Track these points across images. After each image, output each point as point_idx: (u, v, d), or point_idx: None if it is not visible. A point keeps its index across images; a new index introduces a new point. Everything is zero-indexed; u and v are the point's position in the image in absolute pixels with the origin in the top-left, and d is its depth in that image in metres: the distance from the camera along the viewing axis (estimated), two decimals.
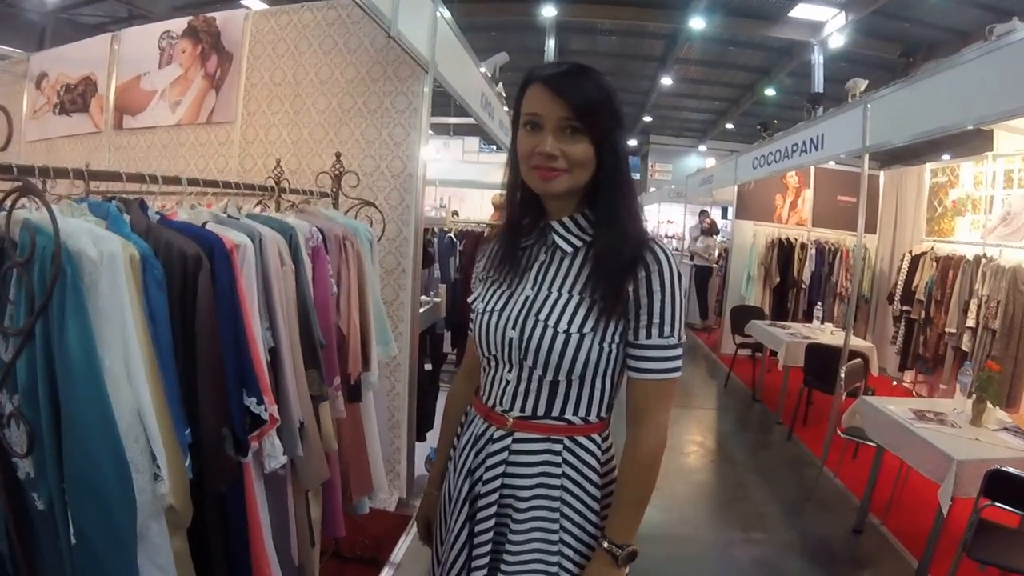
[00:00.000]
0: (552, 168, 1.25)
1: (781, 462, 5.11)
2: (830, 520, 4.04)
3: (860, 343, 5.78)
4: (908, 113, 4.31)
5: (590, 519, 1.34)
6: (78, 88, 4.46)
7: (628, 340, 1.29)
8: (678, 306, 1.27)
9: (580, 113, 1.22)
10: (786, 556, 3.59)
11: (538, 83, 1.26)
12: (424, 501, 1.66)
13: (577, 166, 1.25)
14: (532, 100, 1.26)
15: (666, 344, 1.27)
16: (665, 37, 13.68)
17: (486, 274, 1.45)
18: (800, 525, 3.98)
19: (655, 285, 1.25)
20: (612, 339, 1.28)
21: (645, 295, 1.25)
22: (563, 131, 1.24)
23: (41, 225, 1.29)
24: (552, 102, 1.23)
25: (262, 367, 1.79)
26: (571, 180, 1.26)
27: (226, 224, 1.93)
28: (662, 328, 1.26)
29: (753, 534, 3.81)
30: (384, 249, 3.35)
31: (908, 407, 3.60)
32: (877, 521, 3.90)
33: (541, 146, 1.24)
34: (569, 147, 1.24)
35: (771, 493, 4.49)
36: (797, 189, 8.81)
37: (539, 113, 1.25)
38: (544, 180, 1.27)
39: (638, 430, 1.29)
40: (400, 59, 3.32)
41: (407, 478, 3.55)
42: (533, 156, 1.26)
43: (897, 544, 3.68)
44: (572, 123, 1.23)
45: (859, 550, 3.71)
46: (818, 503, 4.31)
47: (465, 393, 1.56)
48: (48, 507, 1.36)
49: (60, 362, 1.29)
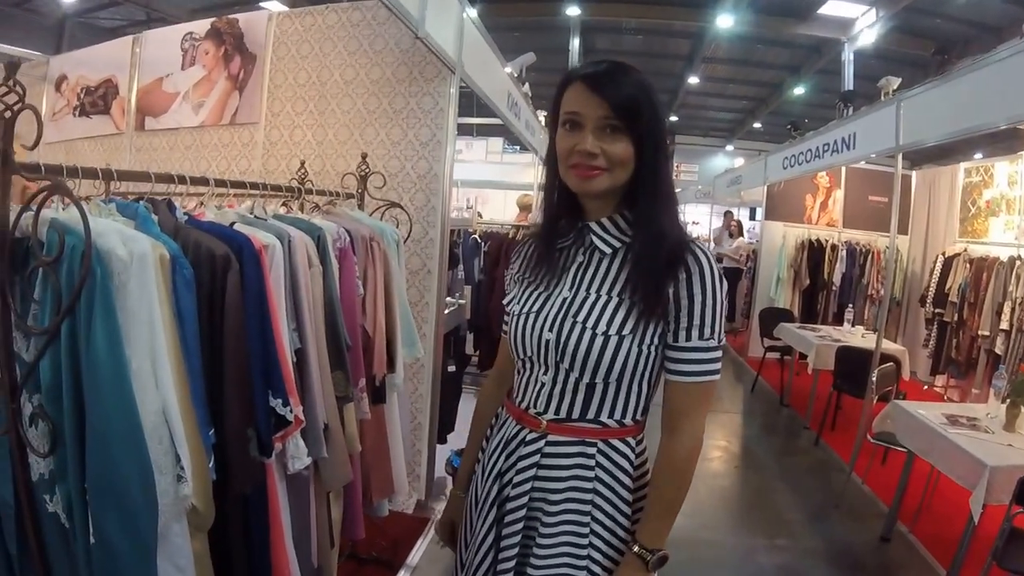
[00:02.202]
0: (592, 167, 1.23)
1: (808, 467, 5.02)
2: (857, 527, 3.97)
3: (892, 346, 5.67)
4: (942, 111, 4.21)
5: (621, 523, 1.32)
6: (99, 90, 4.49)
7: (667, 342, 1.27)
8: (719, 308, 1.25)
9: (620, 112, 1.21)
10: (811, 563, 3.53)
11: (578, 82, 1.24)
12: (449, 503, 1.64)
13: (617, 165, 1.24)
14: (572, 99, 1.25)
15: (706, 347, 1.25)
16: (692, 35, 13.53)
17: (522, 275, 1.43)
18: (826, 532, 3.91)
19: (696, 287, 1.23)
20: (651, 341, 1.26)
21: (685, 297, 1.23)
22: (603, 130, 1.22)
23: (69, 224, 1.29)
24: (592, 101, 1.22)
25: (288, 368, 1.79)
26: (611, 179, 1.25)
27: (254, 225, 1.93)
28: (702, 330, 1.24)
29: (778, 540, 3.74)
30: (409, 250, 3.34)
31: (940, 412, 3.52)
32: (905, 529, 3.82)
33: (581, 144, 1.22)
34: (609, 146, 1.22)
35: (797, 499, 4.42)
36: (828, 189, 8.68)
37: (579, 112, 1.23)
38: (583, 179, 1.25)
39: (674, 434, 1.27)
40: (426, 60, 3.31)
41: (427, 481, 3.53)
42: (572, 155, 1.24)
43: (925, 552, 3.60)
44: (612, 122, 1.22)
45: (886, 558, 3.64)
46: (845, 510, 4.22)
47: (496, 395, 1.54)
48: (67, 508, 1.36)
49: (86, 362, 1.29)
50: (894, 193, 4.92)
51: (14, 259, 1.34)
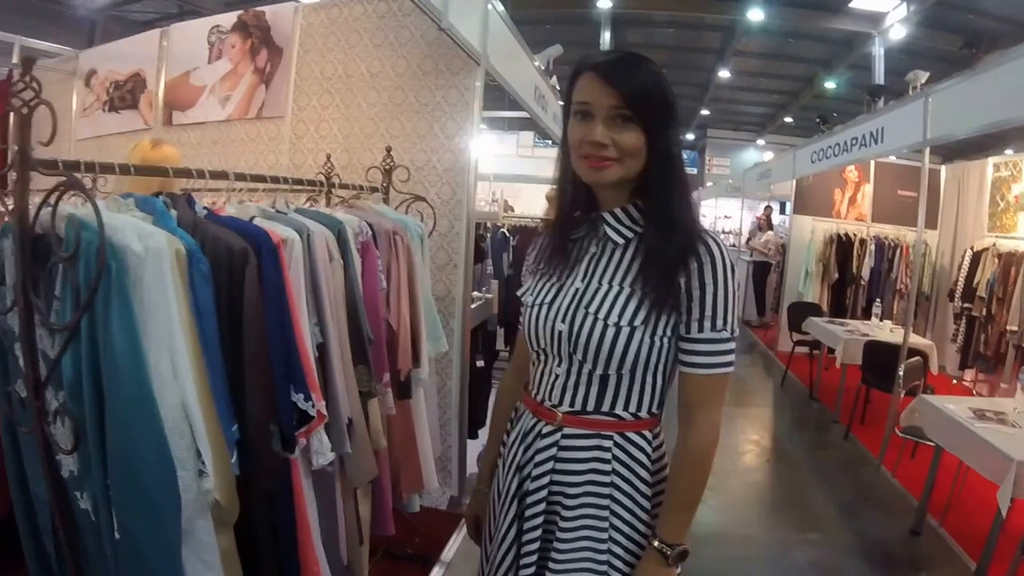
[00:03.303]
0: (602, 157, 1.22)
1: (838, 462, 5.01)
2: (887, 521, 3.96)
3: (920, 341, 5.61)
4: (970, 105, 4.16)
5: (640, 517, 1.31)
6: (127, 85, 4.51)
7: (680, 334, 1.26)
8: (731, 299, 1.23)
9: (631, 101, 1.20)
10: (843, 557, 3.52)
11: (588, 71, 1.23)
12: (473, 499, 1.65)
13: (628, 155, 1.22)
14: (582, 89, 1.24)
15: (718, 338, 1.23)
16: (723, 29, 13.43)
17: (536, 267, 1.43)
18: (857, 526, 3.89)
19: (707, 277, 1.21)
20: (664, 333, 1.25)
21: (697, 287, 1.22)
22: (613, 120, 1.21)
23: (86, 220, 1.29)
24: (602, 90, 1.20)
25: (310, 363, 1.78)
26: (622, 170, 1.23)
27: (274, 219, 1.92)
28: (714, 321, 1.23)
29: (810, 535, 3.73)
30: (435, 244, 3.32)
31: (967, 406, 3.52)
32: (935, 522, 3.80)
33: (591, 135, 1.21)
34: (620, 136, 1.21)
35: (828, 493, 4.40)
36: (856, 183, 8.59)
37: (589, 102, 1.22)
38: (594, 170, 1.24)
39: (690, 427, 1.26)
40: (452, 52, 3.28)
41: (459, 476, 3.52)
42: (583, 145, 1.23)
43: (955, 546, 3.59)
44: (623, 112, 1.20)
45: (917, 552, 3.63)
46: (875, 504, 4.22)
47: (514, 389, 1.54)
48: (93, 504, 1.36)
49: (105, 358, 1.29)
50: (922, 188, 4.90)
51: (37, 256, 1.34)
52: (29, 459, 1.47)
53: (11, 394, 1.43)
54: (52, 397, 1.36)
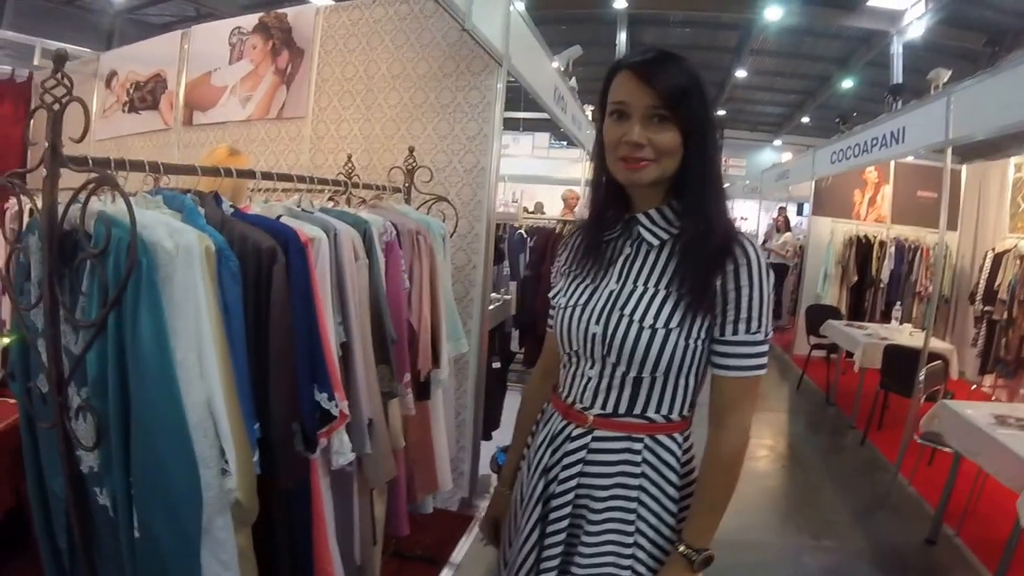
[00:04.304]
0: (639, 158, 1.20)
1: (854, 467, 4.96)
2: (902, 529, 3.90)
3: (940, 345, 5.53)
4: (993, 105, 4.08)
5: (667, 521, 1.29)
6: (148, 85, 4.53)
7: (714, 336, 1.24)
8: (766, 301, 1.22)
9: (668, 101, 1.18)
10: (857, 565, 3.48)
11: (625, 70, 1.22)
12: (493, 500, 1.63)
13: (665, 155, 1.21)
14: (619, 88, 1.22)
15: (753, 340, 1.22)
16: (739, 28, 13.39)
17: (568, 268, 1.41)
18: (872, 533, 3.85)
19: (743, 279, 1.20)
20: (698, 335, 1.23)
21: (733, 289, 1.20)
22: (650, 119, 1.19)
23: (116, 217, 1.29)
24: (639, 90, 1.19)
25: (334, 362, 1.78)
26: (658, 170, 1.22)
27: (300, 218, 1.92)
28: (749, 324, 1.21)
29: (823, 541, 3.69)
30: (455, 245, 3.31)
31: (988, 411, 3.44)
32: (951, 531, 3.73)
33: (628, 135, 1.20)
34: (657, 136, 1.19)
35: (842, 499, 4.35)
36: (876, 184, 8.49)
37: (626, 101, 1.20)
38: (631, 170, 1.22)
39: (720, 429, 1.25)
40: (473, 53, 3.28)
41: (470, 478, 3.51)
42: (620, 146, 1.22)
43: (971, 556, 3.52)
44: (660, 111, 1.18)
45: (932, 561, 3.57)
46: (891, 510, 4.16)
47: (542, 390, 1.52)
48: (112, 501, 1.36)
49: (132, 354, 1.29)
50: (944, 188, 4.82)
51: (63, 252, 1.34)
52: (47, 455, 1.47)
53: (31, 390, 1.43)
54: (74, 393, 1.36)
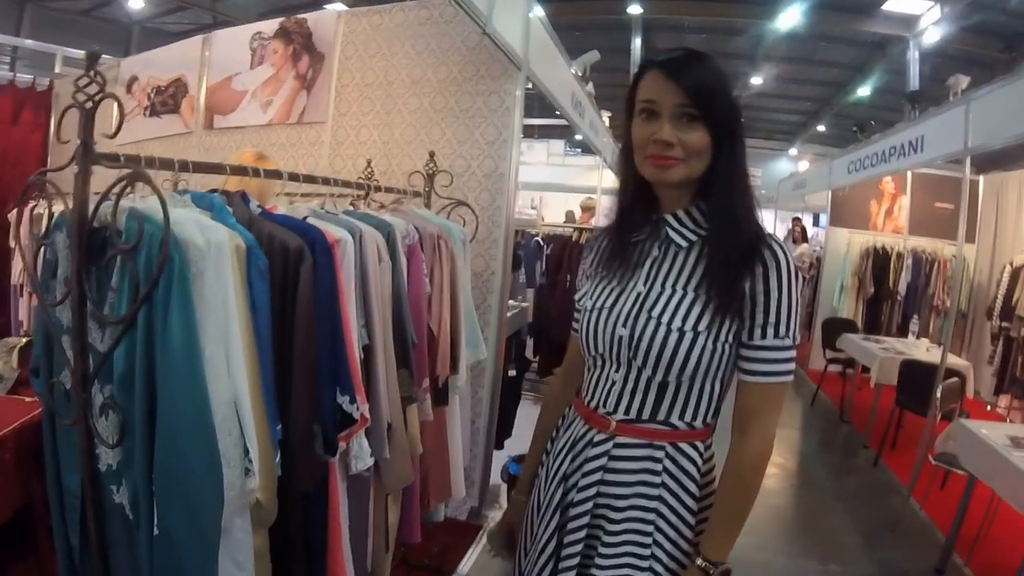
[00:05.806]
0: (668, 157, 1.20)
1: (865, 489, 4.84)
2: (911, 555, 3.80)
3: (957, 361, 5.39)
4: (1013, 112, 3.98)
5: (684, 534, 1.27)
6: (168, 90, 4.57)
7: (741, 340, 1.23)
8: (794, 306, 1.21)
9: (697, 99, 1.18)
10: None
11: (654, 70, 1.21)
12: (509, 508, 1.61)
13: (693, 155, 1.20)
14: (648, 87, 1.22)
15: (780, 345, 1.21)
16: (753, 34, 13.35)
17: (594, 270, 1.40)
18: (880, 559, 3.75)
19: (772, 282, 1.19)
20: (726, 339, 1.22)
21: (762, 292, 1.19)
22: (679, 119, 1.19)
23: (148, 213, 1.29)
24: (668, 88, 1.18)
25: (356, 364, 1.78)
26: (687, 169, 1.21)
27: (325, 219, 1.92)
28: (777, 328, 1.20)
29: (831, 565, 3.62)
30: (473, 251, 3.29)
31: (1005, 432, 3.30)
32: (960, 561, 3.63)
33: (658, 134, 1.19)
34: (686, 135, 1.19)
35: (852, 522, 4.25)
36: (893, 195, 8.37)
37: (655, 100, 1.20)
38: (659, 169, 1.22)
39: (744, 436, 1.24)
40: (493, 58, 3.28)
41: (481, 487, 3.48)
42: (648, 145, 1.21)
43: None
44: (688, 110, 1.18)
45: None
46: (901, 536, 4.04)
47: (563, 395, 1.51)
48: (131, 499, 1.36)
49: (161, 350, 1.29)
50: (962, 199, 4.69)
51: (91, 249, 1.34)
52: (65, 451, 1.47)
53: (54, 385, 1.43)
54: (97, 391, 1.36)
